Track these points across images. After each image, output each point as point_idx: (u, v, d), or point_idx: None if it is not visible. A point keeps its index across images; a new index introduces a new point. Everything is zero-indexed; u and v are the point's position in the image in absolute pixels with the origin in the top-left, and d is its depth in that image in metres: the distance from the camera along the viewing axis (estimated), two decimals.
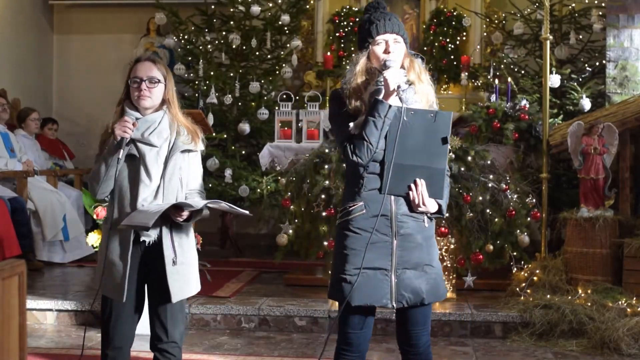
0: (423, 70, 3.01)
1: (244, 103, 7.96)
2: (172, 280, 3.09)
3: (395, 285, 2.88)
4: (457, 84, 8.33)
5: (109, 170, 3.05)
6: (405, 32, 3.01)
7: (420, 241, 2.92)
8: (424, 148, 2.88)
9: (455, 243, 5.60)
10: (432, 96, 3.00)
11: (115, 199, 3.11)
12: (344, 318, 2.96)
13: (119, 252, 3.08)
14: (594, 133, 5.55)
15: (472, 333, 5.19)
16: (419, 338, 2.99)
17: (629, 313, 4.94)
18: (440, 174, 2.91)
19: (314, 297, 5.56)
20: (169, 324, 3.15)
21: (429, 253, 2.94)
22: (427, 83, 3.00)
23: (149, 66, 3.13)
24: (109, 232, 3.10)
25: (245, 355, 4.72)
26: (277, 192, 7.17)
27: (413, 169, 2.88)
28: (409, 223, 2.90)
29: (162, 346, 3.16)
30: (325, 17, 8.59)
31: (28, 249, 6.74)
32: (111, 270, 3.09)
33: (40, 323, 5.41)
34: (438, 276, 2.97)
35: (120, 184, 3.09)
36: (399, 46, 2.95)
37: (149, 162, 3.08)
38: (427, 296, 2.92)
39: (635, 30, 6.68)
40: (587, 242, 5.49)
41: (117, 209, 3.10)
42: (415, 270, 2.91)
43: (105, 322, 3.16)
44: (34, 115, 7.77)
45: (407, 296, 2.89)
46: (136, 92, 3.10)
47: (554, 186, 6.83)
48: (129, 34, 9.36)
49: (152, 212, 3.00)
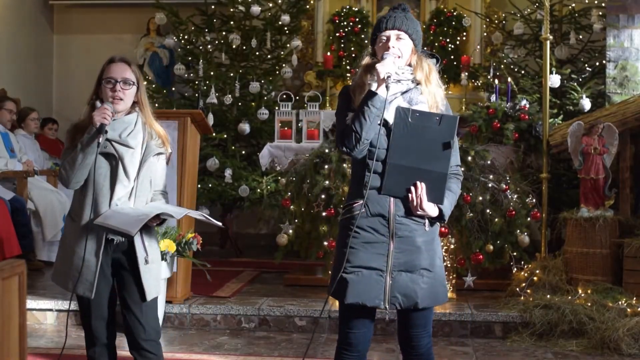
0: (433, 70, 2.96)
1: (244, 103, 7.96)
2: (145, 278, 3.13)
3: (389, 287, 2.86)
4: (457, 84, 8.33)
5: (86, 157, 3.03)
6: (416, 30, 2.95)
7: (418, 244, 2.89)
8: (427, 151, 2.84)
9: (455, 243, 5.60)
10: (440, 97, 2.94)
11: (89, 196, 3.07)
12: (344, 317, 2.96)
13: (91, 248, 3.06)
14: (594, 133, 5.55)
15: (472, 333, 5.19)
16: (419, 340, 2.97)
17: (629, 313, 4.93)
18: (441, 179, 2.87)
19: (314, 297, 5.55)
20: (144, 322, 3.16)
21: (428, 257, 2.90)
22: (435, 84, 2.95)
23: (124, 67, 3.13)
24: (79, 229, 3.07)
25: (245, 355, 4.72)
26: (277, 192, 7.17)
27: (414, 171, 2.85)
28: (408, 225, 2.88)
29: (142, 345, 3.16)
30: (325, 17, 8.59)
31: (28, 249, 6.74)
32: (80, 267, 3.07)
33: (40, 323, 5.41)
34: (437, 281, 2.93)
35: (97, 180, 3.06)
36: (403, 42, 2.91)
37: (127, 163, 3.09)
38: (422, 300, 2.88)
39: (635, 30, 6.68)
40: (587, 242, 5.48)
41: (92, 207, 3.07)
42: (411, 273, 2.87)
43: (86, 322, 3.17)
44: (33, 115, 7.76)
45: (401, 299, 2.87)
46: (110, 93, 3.10)
47: (554, 186, 6.82)
48: (129, 34, 9.36)
49: (134, 218, 3.00)
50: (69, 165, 3.05)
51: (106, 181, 3.08)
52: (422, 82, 2.92)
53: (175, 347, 4.85)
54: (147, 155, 3.13)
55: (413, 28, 2.94)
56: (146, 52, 9.12)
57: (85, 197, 3.09)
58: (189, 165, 5.37)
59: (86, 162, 3.03)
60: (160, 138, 3.19)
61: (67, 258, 3.12)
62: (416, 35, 2.96)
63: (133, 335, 3.17)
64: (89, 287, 3.07)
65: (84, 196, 3.09)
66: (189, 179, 5.37)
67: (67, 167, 3.05)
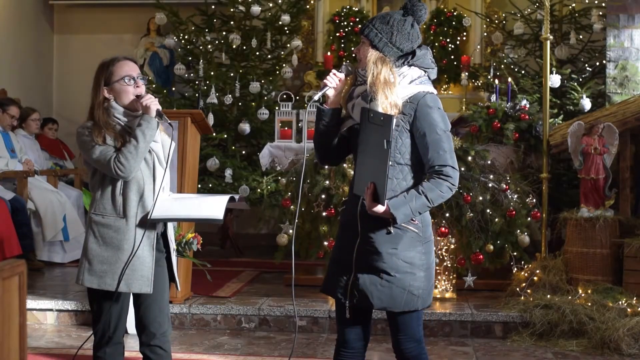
0: (383, 69, 2.87)
1: (244, 103, 7.96)
2: (175, 269, 3.26)
3: (351, 283, 2.92)
4: (457, 84, 8.33)
5: (148, 144, 3.08)
6: (376, 30, 2.89)
7: (378, 247, 2.87)
8: (376, 150, 2.82)
9: (455, 243, 5.60)
10: (396, 96, 2.85)
11: (133, 191, 3.09)
12: (339, 315, 3.03)
13: (145, 244, 3.10)
14: (594, 133, 5.55)
15: (472, 333, 5.19)
16: (401, 344, 2.96)
17: (629, 313, 4.93)
18: (381, 177, 2.78)
19: (314, 297, 5.56)
20: (162, 318, 3.18)
21: (389, 261, 2.86)
22: (393, 84, 2.87)
23: (133, 64, 3.20)
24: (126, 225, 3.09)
25: (245, 355, 4.73)
26: (277, 192, 7.17)
27: (369, 170, 2.86)
28: (371, 225, 2.87)
29: (155, 342, 3.17)
30: (326, 17, 8.60)
31: (28, 249, 6.74)
32: (134, 264, 3.08)
33: (40, 323, 5.41)
34: (396, 287, 2.86)
35: (135, 175, 3.10)
36: (363, 48, 2.94)
37: (157, 151, 3.17)
38: (376, 302, 2.88)
39: (635, 30, 6.68)
40: (587, 242, 5.48)
41: (136, 201, 3.09)
42: (370, 274, 2.89)
43: (104, 320, 3.15)
44: (34, 115, 7.76)
45: (358, 296, 2.91)
46: (133, 90, 3.14)
47: (554, 186, 6.82)
48: (129, 34, 9.36)
49: (207, 203, 3.11)
50: (131, 154, 3.04)
51: (144, 173, 3.12)
52: (377, 91, 2.85)
53: (175, 347, 4.85)
54: (165, 141, 3.22)
55: (369, 29, 2.90)
56: (146, 52, 9.12)
57: (127, 193, 3.09)
58: (189, 165, 5.37)
59: (147, 149, 3.09)
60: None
61: (111, 257, 3.10)
62: (373, 35, 2.90)
63: (149, 331, 3.17)
64: (147, 283, 3.10)
65: (126, 192, 3.09)
66: (189, 179, 5.37)
67: (128, 156, 3.04)
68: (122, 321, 3.18)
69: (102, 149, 3.07)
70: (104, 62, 3.19)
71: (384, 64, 2.89)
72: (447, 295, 5.55)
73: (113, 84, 3.14)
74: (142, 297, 3.16)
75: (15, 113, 7.28)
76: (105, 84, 3.15)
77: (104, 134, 3.10)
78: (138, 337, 3.22)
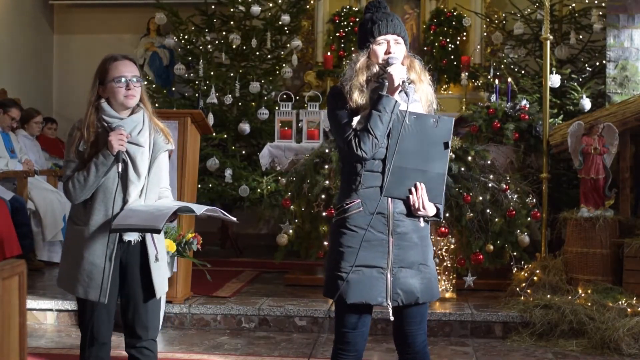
0: (423, 71, 3.05)
1: (244, 103, 7.96)
2: (155, 275, 3.14)
3: (390, 284, 2.90)
4: (457, 84, 8.33)
5: (99, 179, 3.03)
6: (406, 33, 3.04)
7: (416, 240, 2.94)
8: (424, 152, 2.90)
9: (455, 243, 5.59)
10: (432, 96, 3.04)
11: (98, 201, 3.06)
12: (340, 317, 2.98)
13: (103, 253, 3.04)
14: (594, 133, 5.55)
15: (472, 333, 5.19)
16: (414, 337, 2.99)
17: (629, 313, 4.93)
18: (439, 179, 2.93)
19: (314, 297, 5.56)
20: (149, 321, 3.17)
21: (424, 253, 2.96)
22: (427, 83, 3.03)
23: (130, 65, 3.13)
24: (87, 233, 3.05)
25: (245, 355, 4.72)
26: (277, 192, 7.17)
27: (413, 173, 2.90)
28: (405, 222, 2.92)
29: (141, 344, 3.16)
30: (326, 17, 8.59)
31: (28, 249, 6.74)
32: (91, 272, 3.05)
33: (40, 323, 5.41)
34: (432, 276, 2.99)
35: (106, 185, 3.06)
36: (400, 47, 2.98)
37: (138, 162, 3.09)
38: (422, 295, 2.94)
39: (635, 30, 6.68)
40: (587, 242, 5.48)
41: (102, 210, 3.06)
42: (410, 269, 2.92)
43: (86, 323, 3.14)
44: (38, 118, 7.75)
45: (402, 295, 2.91)
46: (124, 92, 3.08)
47: (554, 186, 6.82)
48: (129, 34, 9.35)
49: (154, 214, 2.99)
50: (79, 184, 3.03)
51: (114, 184, 3.06)
52: (416, 82, 2.99)
53: (175, 347, 4.85)
54: (156, 152, 3.15)
55: (405, 31, 3.02)
56: (146, 52, 9.12)
57: (93, 202, 3.07)
58: (189, 165, 5.37)
59: (98, 183, 3.04)
60: (163, 133, 3.20)
61: (74, 263, 3.09)
62: (407, 38, 3.04)
63: (135, 333, 3.17)
64: (103, 292, 3.05)
65: (93, 201, 3.07)
66: (189, 179, 5.37)
67: (76, 185, 3.03)
68: (106, 322, 3.15)
69: (68, 164, 3.09)
70: (103, 59, 3.16)
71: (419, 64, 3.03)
72: (447, 295, 5.55)
73: (107, 84, 3.11)
74: (129, 299, 3.16)
75: (16, 115, 7.27)
76: (100, 82, 3.13)
77: (84, 133, 3.08)
78: (124, 337, 3.21)
